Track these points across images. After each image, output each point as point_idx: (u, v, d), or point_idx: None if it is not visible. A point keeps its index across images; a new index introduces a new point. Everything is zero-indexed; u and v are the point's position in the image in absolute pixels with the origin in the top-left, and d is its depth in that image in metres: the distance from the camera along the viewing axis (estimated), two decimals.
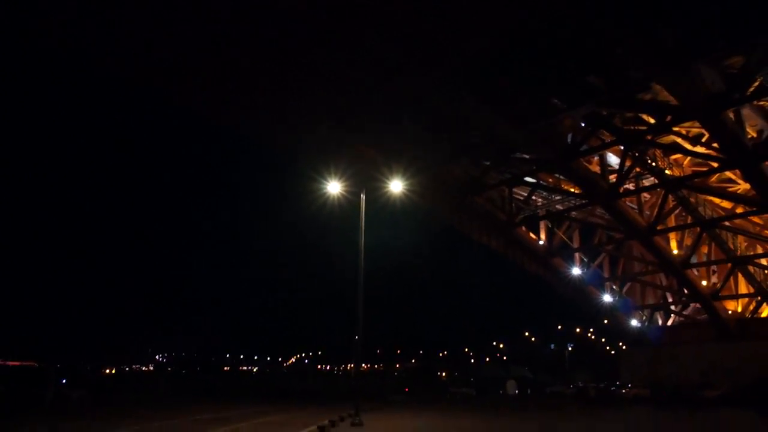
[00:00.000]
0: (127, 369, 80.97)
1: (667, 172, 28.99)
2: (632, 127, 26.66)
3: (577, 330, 71.04)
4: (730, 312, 34.41)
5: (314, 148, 27.44)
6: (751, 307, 34.14)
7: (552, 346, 75.38)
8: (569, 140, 27.28)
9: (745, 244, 34.62)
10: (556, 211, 33.10)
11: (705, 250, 34.01)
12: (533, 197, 33.15)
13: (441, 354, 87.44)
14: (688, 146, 26.95)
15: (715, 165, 26.80)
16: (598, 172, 28.94)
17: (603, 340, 69.10)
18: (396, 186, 21.95)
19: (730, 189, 30.85)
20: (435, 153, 28.50)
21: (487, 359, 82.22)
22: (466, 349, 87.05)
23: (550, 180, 31.81)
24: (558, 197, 32.24)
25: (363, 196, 19.68)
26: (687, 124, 25.49)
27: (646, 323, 38.01)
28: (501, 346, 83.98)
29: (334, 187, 19.71)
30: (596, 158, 29.53)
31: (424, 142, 27.53)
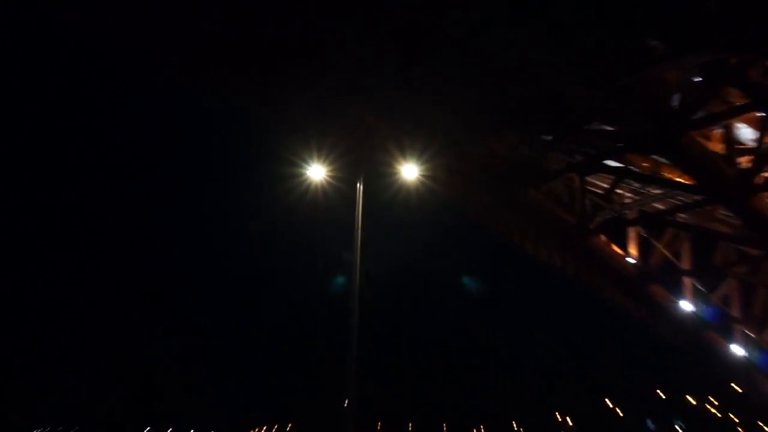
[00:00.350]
0: None
1: None
2: None
3: (691, 400, 70.65)
4: None
5: (297, 116, 27.84)
6: None
7: (650, 424, 75.06)
8: (676, 103, 27.04)
9: None
10: (653, 212, 32.98)
11: None
12: (618, 190, 32.99)
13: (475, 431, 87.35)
14: None
15: None
16: (722, 152, 28.70)
17: (733, 417, 68.58)
18: (410, 172, 23.49)
19: None
20: (469, 122, 28.76)
21: None
22: (514, 425, 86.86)
23: (646, 164, 31.53)
24: (657, 191, 32.05)
25: (360, 186, 21.30)
26: None
27: None
28: (568, 420, 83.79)
29: (317, 173, 21.50)
30: (719, 131, 29.24)
31: (453, 107, 27.73)
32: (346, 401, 20.53)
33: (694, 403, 69.03)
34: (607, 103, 26.86)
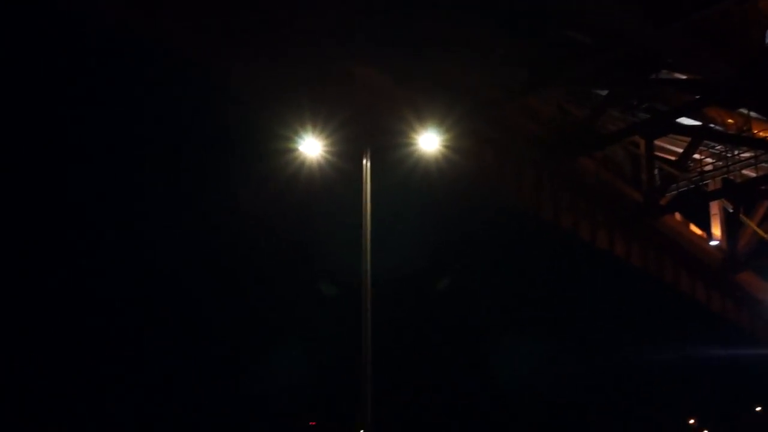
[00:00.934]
0: None
1: None
2: None
3: None
4: None
5: (284, 77, 27.14)
6: None
7: None
8: None
9: None
10: (742, 180, 32.86)
11: None
12: (696, 155, 32.62)
13: None
14: None
15: None
16: None
17: None
18: (429, 142, 22.78)
19: None
20: (503, 77, 27.87)
21: None
22: None
23: (731, 121, 31.12)
24: (747, 154, 31.70)
25: (367, 163, 20.88)
26: None
27: None
28: None
29: (312, 148, 21.21)
30: None
31: (482, 58, 26.96)
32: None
33: None
34: (681, 43, 25.50)
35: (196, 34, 25.91)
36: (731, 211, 34.32)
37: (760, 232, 34.18)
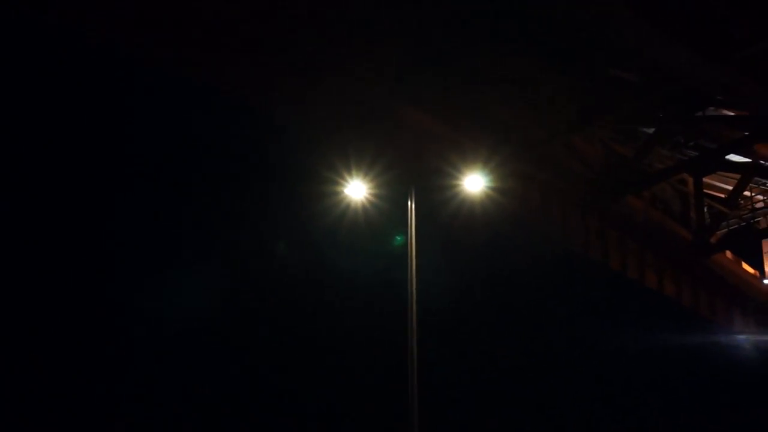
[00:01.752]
0: None
1: None
2: None
3: None
4: None
5: (328, 119, 27.09)
6: None
7: None
8: None
9: None
10: None
11: None
12: (746, 193, 32.47)
13: None
14: None
15: None
16: None
17: None
18: (474, 183, 22.53)
19: None
20: (550, 115, 27.70)
21: None
22: None
23: None
24: None
25: (412, 204, 20.56)
26: None
27: None
28: None
29: (357, 191, 21.27)
30: None
31: (530, 96, 27.05)
32: None
33: None
34: (729, 79, 25.08)
35: (242, 73, 25.94)
36: None
37: None
